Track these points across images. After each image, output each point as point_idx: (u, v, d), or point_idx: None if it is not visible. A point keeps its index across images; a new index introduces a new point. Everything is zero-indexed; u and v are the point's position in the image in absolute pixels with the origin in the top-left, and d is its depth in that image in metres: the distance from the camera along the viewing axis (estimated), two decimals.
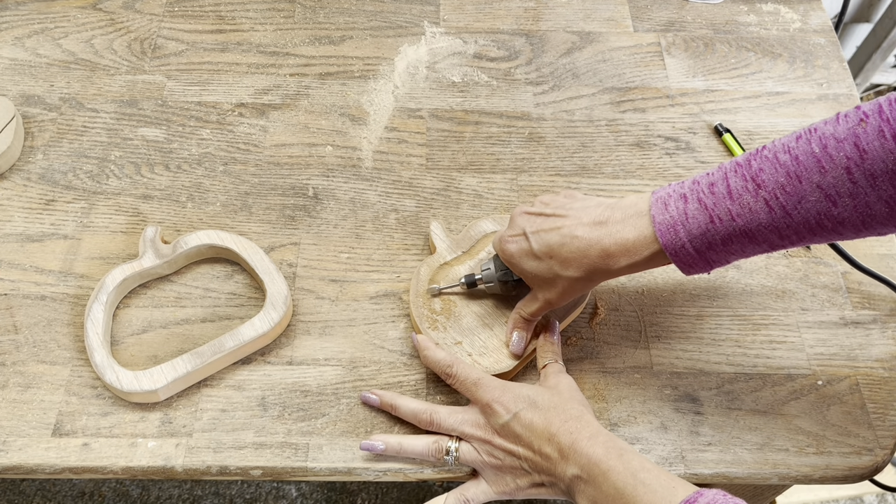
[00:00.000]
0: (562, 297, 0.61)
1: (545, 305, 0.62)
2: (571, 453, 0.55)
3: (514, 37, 0.90)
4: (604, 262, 0.57)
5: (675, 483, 0.51)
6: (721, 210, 0.53)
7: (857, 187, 0.49)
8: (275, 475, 0.62)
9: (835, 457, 0.63)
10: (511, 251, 0.61)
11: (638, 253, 0.56)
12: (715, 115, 0.84)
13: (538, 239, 0.59)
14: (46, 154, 0.78)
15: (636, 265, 0.57)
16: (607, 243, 0.56)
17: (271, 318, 0.65)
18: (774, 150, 0.52)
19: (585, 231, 0.57)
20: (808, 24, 0.92)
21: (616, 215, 0.57)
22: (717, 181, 0.54)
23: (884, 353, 0.69)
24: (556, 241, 0.58)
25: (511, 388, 0.60)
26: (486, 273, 0.66)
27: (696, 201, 0.54)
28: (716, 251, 0.54)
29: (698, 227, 0.53)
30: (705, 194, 0.54)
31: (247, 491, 1.26)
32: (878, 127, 0.48)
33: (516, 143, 0.81)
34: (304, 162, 0.78)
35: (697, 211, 0.53)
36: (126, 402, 0.63)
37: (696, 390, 0.66)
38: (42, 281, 0.69)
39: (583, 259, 0.57)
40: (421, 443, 0.61)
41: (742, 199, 0.52)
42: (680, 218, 0.54)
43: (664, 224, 0.54)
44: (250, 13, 0.90)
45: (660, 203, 0.55)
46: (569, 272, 0.58)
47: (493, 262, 0.66)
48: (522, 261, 0.61)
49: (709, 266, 0.56)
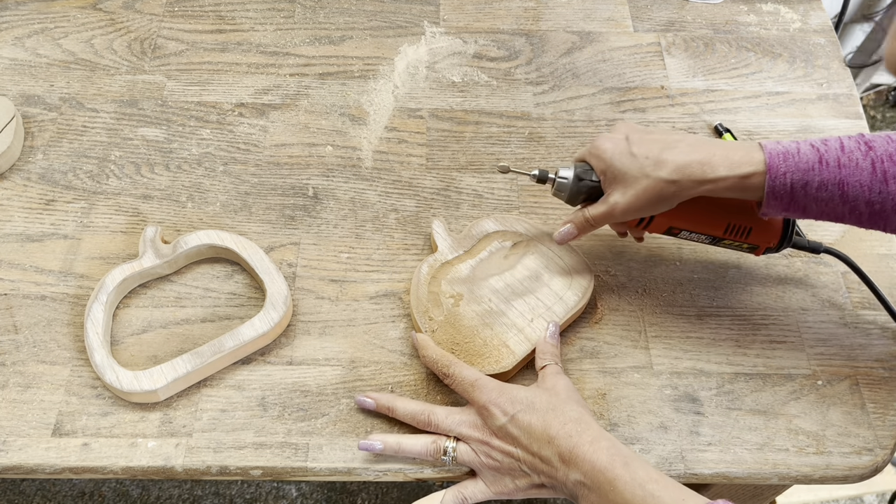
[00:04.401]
0: (635, 200, 0.61)
1: (611, 210, 0.62)
2: (573, 458, 0.55)
3: (514, 37, 0.90)
4: (700, 169, 0.59)
5: (684, 495, 0.51)
6: (831, 156, 0.57)
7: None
8: (275, 475, 0.62)
9: (835, 457, 0.63)
10: (606, 146, 0.62)
11: (739, 168, 0.58)
12: (715, 114, 0.84)
13: (640, 140, 0.61)
14: (46, 154, 0.78)
15: (730, 179, 0.58)
16: (711, 153, 0.59)
17: (271, 318, 0.65)
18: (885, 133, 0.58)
19: (689, 144, 0.60)
20: (808, 24, 0.92)
21: (728, 142, 0.60)
22: (831, 139, 0.58)
23: (884, 353, 0.69)
24: (659, 145, 0.60)
25: (508, 389, 0.60)
26: (563, 169, 0.65)
27: (808, 146, 0.58)
28: (807, 193, 0.57)
29: (806, 162, 0.57)
30: (818, 143, 0.58)
31: (247, 491, 1.26)
32: None
33: (516, 143, 0.81)
34: (304, 162, 0.78)
35: (809, 151, 0.57)
36: (126, 402, 0.63)
37: (696, 390, 0.66)
38: (42, 281, 0.69)
39: (683, 159, 0.59)
40: (419, 443, 0.61)
41: (852, 154, 0.57)
42: (792, 151, 0.58)
43: (775, 151, 0.58)
44: (250, 13, 0.90)
45: (773, 143, 0.59)
46: (660, 172, 0.59)
47: (574, 165, 0.65)
48: (615, 156, 0.61)
49: (791, 208, 0.58)
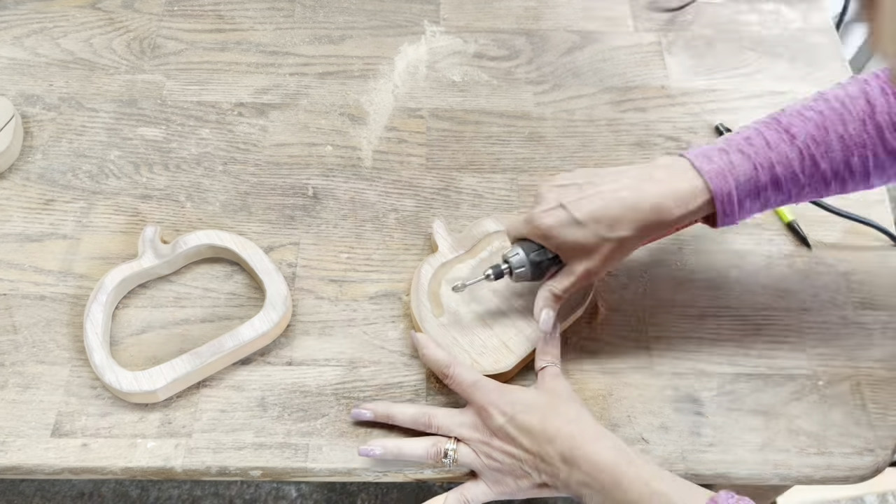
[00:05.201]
0: (605, 262, 0.59)
1: (583, 277, 0.60)
2: (575, 458, 0.55)
3: (515, 36, 0.90)
4: (657, 216, 0.57)
5: (689, 490, 0.51)
6: (762, 158, 0.56)
7: (870, 138, 0.56)
8: (274, 476, 0.61)
9: (836, 457, 0.63)
10: (549, 223, 0.58)
11: (692, 202, 0.57)
12: (715, 114, 0.84)
13: (578, 206, 0.57)
14: (46, 154, 0.77)
15: (687, 216, 0.57)
16: (659, 197, 0.57)
17: (271, 319, 0.65)
18: (795, 109, 0.58)
19: (631, 189, 0.57)
20: (809, 24, 0.92)
21: (658, 173, 0.58)
22: (752, 136, 0.58)
23: (885, 354, 0.68)
24: (600, 204, 0.57)
25: (507, 390, 0.60)
26: (515, 258, 0.61)
27: (737, 152, 0.57)
28: (752, 200, 0.57)
29: (744, 174, 0.56)
30: (744, 146, 0.57)
31: (246, 491, 1.26)
32: (879, 86, 0.57)
33: (516, 143, 0.81)
34: (304, 162, 0.78)
35: (741, 160, 0.56)
36: (125, 403, 0.63)
37: (696, 391, 0.66)
38: (41, 281, 0.69)
39: (634, 215, 0.57)
40: (419, 446, 0.60)
41: (780, 148, 0.57)
42: (727, 167, 0.56)
43: (713, 172, 0.56)
44: (250, 12, 0.90)
45: (701, 157, 0.57)
46: (618, 232, 0.57)
47: (520, 246, 0.62)
48: (563, 231, 0.58)
49: (740, 216, 0.58)
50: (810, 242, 0.74)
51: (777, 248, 0.74)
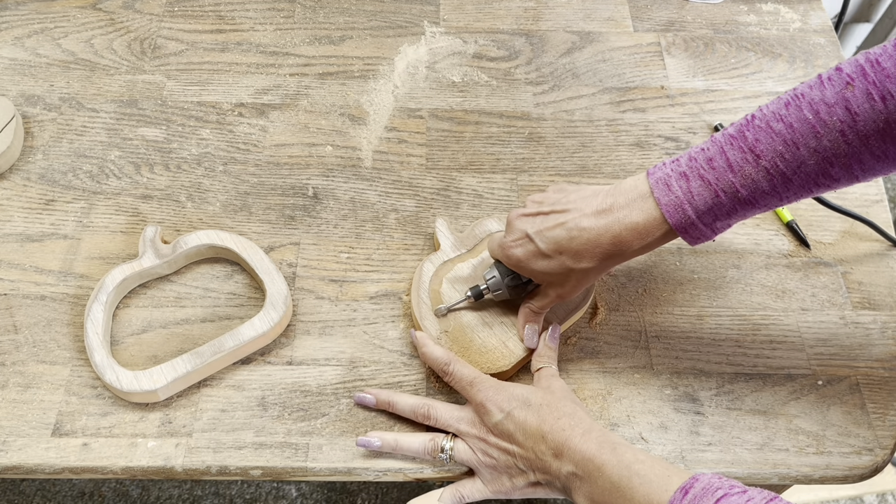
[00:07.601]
0: (575, 288, 0.61)
1: (556, 299, 0.62)
2: (565, 451, 0.55)
3: (514, 37, 0.90)
4: (617, 249, 0.57)
5: (669, 471, 0.51)
6: (724, 184, 0.54)
7: (851, 148, 0.51)
8: (275, 475, 0.62)
9: (835, 457, 0.63)
10: (518, 255, 0.61)
11: (650, 234, 0.56)
12: (715, 114, 0.84)
13: (543, 238, 0.59)
14: (46, 154, 0.78)
15: (649, 246, 0.57)
16: (617, 230, 0.56)
17: (271, 318, 0.65)
18: (765, 118, 0.53)
19: (592, 221, 0.57)
20: (808, 24, 0.92)
21: (619, 200, 0.57)
22: (715, 156, 0.54)
23: (884, 353, 0.69)
24: (564, 236, 0.58)
25: (505, 388, 0.60)
26: (492, 281, 0.65)
27: (697, 178, 0.54)
28: (721, 221, 0.55)
29: (704, 203, 0.54)
30: (706, 170, 0.54)
31: (247, 491, 1.26)
32: (865, 90, 0.50)
33: (516, 143, 0.81)
34: (304, 162, 0.78)
35: (701, 188, 0.54)
36: (126, 402, 0.63)
37: (696, 390, 0.66)
38: (42, 281, 0.69)
39: (595, 249, 0.57)
40: (417, 440, 0.61)
41: (743, 171, 0.53)
42: (686, 196, 0.54)
43: (670, 205, 0.55)
44: (250, 13, 0.90)
45: (661, 184, 0.55)
46: (582, 264, 0.58)
47: (497, 268, 0.65)
48: (531, 262, 0.60)
49: (714, 234, 0.57)
50: (809, 242, 0.74)
51: (776, 248, 0.74)
